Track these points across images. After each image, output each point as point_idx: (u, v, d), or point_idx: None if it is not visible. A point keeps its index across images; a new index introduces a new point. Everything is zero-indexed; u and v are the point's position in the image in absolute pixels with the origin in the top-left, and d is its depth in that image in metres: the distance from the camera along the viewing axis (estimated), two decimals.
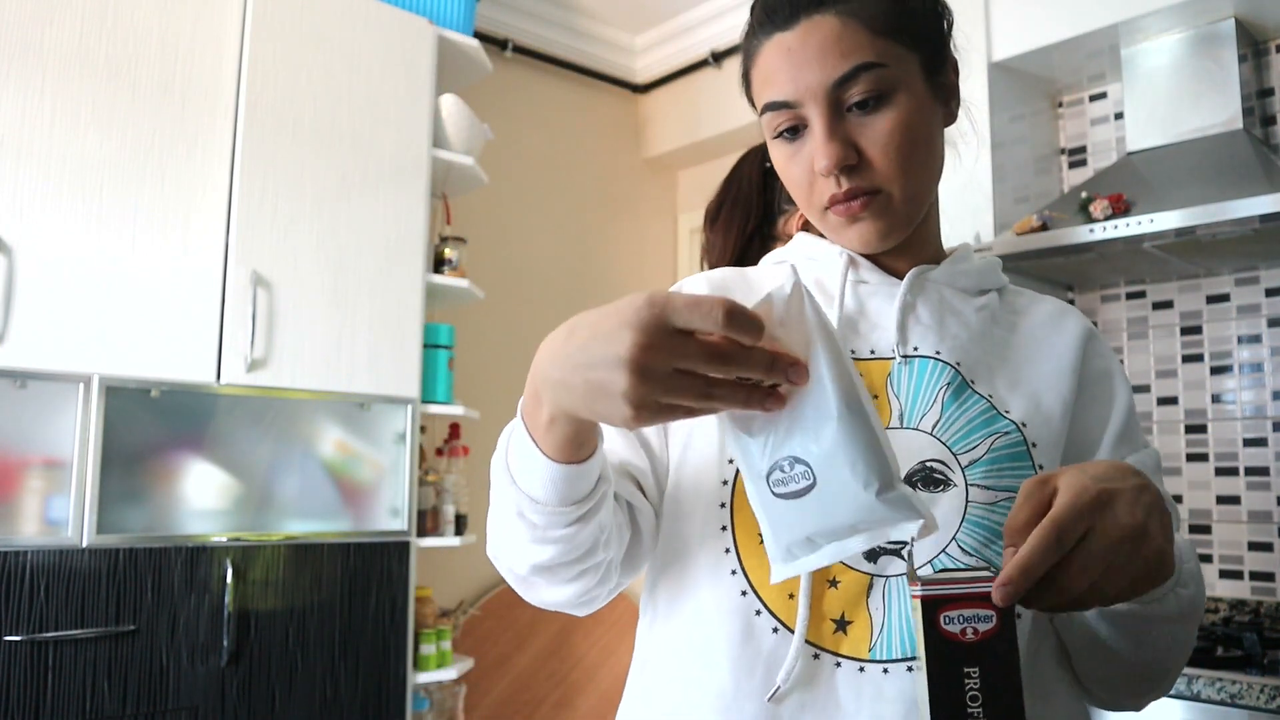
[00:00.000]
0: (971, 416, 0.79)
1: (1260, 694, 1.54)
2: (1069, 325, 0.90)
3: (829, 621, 0.73)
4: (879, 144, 0.78)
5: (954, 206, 2.36)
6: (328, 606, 2.14)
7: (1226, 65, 2.08)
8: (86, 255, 1.91)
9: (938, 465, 0.77)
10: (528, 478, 0.66)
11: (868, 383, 0.80)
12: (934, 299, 0.86)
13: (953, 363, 0.82)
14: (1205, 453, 2.26)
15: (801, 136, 0.80)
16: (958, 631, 0.58)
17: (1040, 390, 0.83)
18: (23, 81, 1.87)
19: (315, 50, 2.24)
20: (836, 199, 0.79)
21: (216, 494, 2.04)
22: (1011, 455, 0.77)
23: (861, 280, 0.87)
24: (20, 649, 1.77)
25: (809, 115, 0.78)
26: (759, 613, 0.74)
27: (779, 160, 0.83)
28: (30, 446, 1.85)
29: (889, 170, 0.78)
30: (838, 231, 0.83)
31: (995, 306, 0.90)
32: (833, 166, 0.77)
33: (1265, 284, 2.20)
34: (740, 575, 0.76)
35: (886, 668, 0.72)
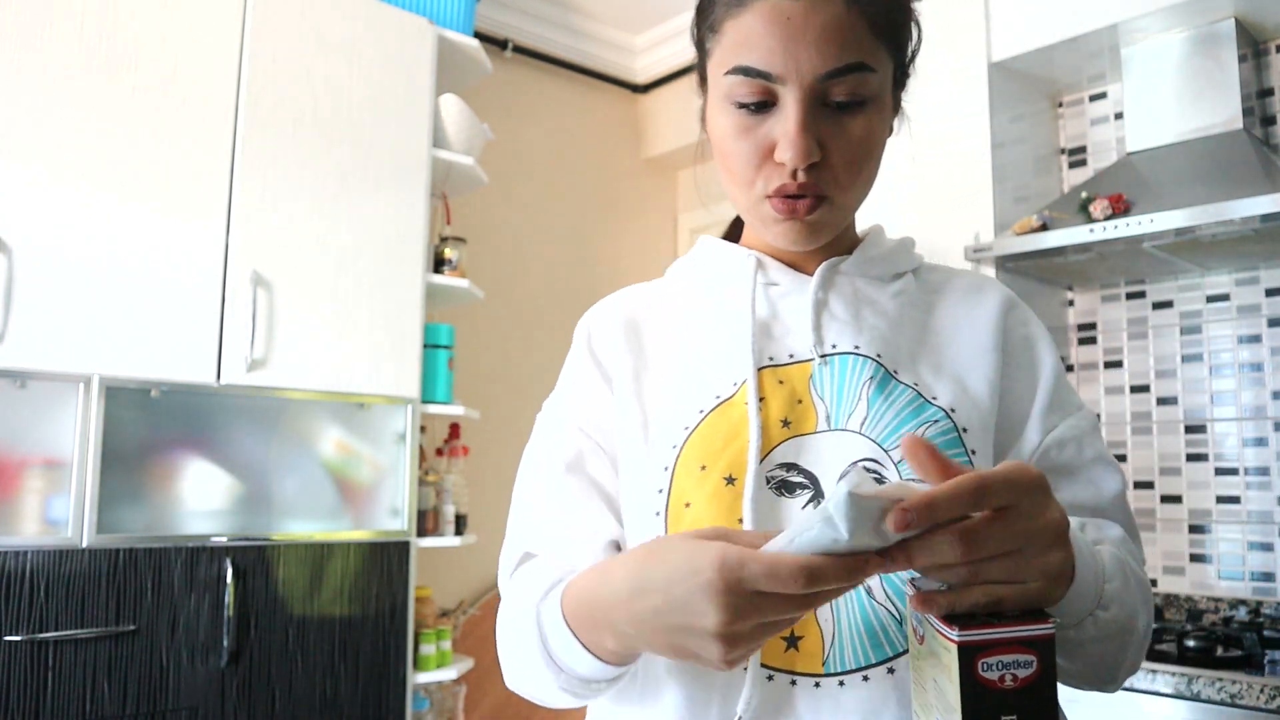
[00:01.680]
0: (899, 408, 0.76)
1: (1260, 694, 1.54)
2: (987, 298, 0.86)
3: (779, 640, 0.71)
4: (844, 150, 0.74)
5: (954, 206, 2.36)
6: (328, 606, 2.14)
7: (1226, 65, 2.08)
8: (86, 255, 1.91)
9: (871, 465, 0.74)
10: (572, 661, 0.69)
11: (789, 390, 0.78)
12: (847, 292, 0.83)
13: (873, 355, 0.79)
14: (1205, 453, 2.26)
15: (766, 113, 0.74)
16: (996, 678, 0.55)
17: (964, 372, 0.80)
18: (23, 81, 1.87)
19: (315, 50, 2.24)
20: (786, 190, 0.75)
21: (216, 494, 2.04)
22: (944, 444, 0.75)
23: (771, 283, 0.84)
24: (20, 649, 1.77)
25: (785, 96, 0.73)
26: None
27: (726, 129, 0.76)
28: (30, 446, 1.85)
29: (844, 177, 0.75)
30: (767, 223, 0.78)
31: (911, 289, 0.86)
32: (800, 162, 0.72)
33: (1265, 284, 2.20)
34: None
35: (842, 680, 0.70)
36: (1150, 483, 2.34)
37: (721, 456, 0.74)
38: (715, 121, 0.79)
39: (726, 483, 0.73)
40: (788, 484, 0.74)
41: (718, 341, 0.82)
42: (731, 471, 0.73)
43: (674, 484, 0.75)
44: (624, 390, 0.82)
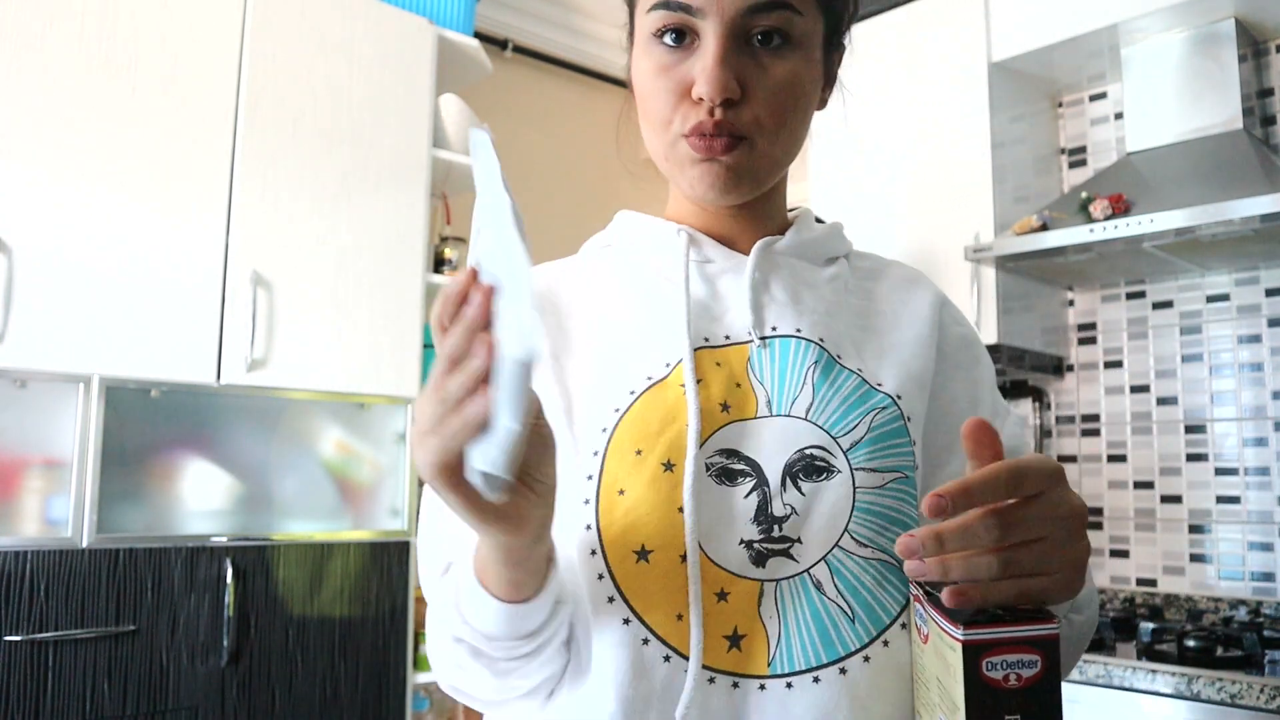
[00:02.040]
0: (846, 394, 0.73)
1: (1260, 694, 1.54)
2: (922, 293, 0.84)
3: (721, 639, 0.66)
4: (766, 88, 0.71)
5: (954, 206, 2.36)
6: (328, 606, 2.14)
7: (1226, 65, 2.08)
8: (86, 255, 1.91)
9: (818, 452, 0.70)
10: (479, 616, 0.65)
11: (727, 372, 0.74)
12: (785, 273, 0.79)
13: (815, 339, 0.75)
14: (1205, 453, 2.26)
15: (685, 49, 0.72)
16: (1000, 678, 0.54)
17: (907, 359, 0.78)
18: (23, 81, 1.87)
19: (315, 50, 2.24)
20: (703, 128, 0.71)
21: (216, 494, 2.04)
22: (892, 432, 0.72)
23: (706, 260, 0.80)
24: (20, 649, 1.77)
25: (705, 30, 0.70)
26: (646, 641, 0.66)
27: (646, 66, 0.74)
28: (30, 446, 1.85)
29: (766, 119, 0.72)
30: (683, 167, 0.75)
31: (846, 275, 0.83)
32: (717, 96, 0.69)
33: (1265, 284, 2.20)
34: (620, 602, 0.67)
35: (790, 682, 0.66)
36: (1150, 483, 2.34)
37: (658, 441, 0.69)
38: (638, 65, 0.76)
39: (665, 469, 0.69)
40: (729, 471, 0.70)
41: (648, 319, 0.77)
42: (670, 457, 0.69)
43: (605, 469, 0.69)
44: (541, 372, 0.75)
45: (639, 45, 0.76)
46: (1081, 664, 1.73)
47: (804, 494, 0.69)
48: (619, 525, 0.68)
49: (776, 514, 0.69)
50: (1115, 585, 2.36)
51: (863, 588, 0.68)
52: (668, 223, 0.82)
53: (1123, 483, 2.38)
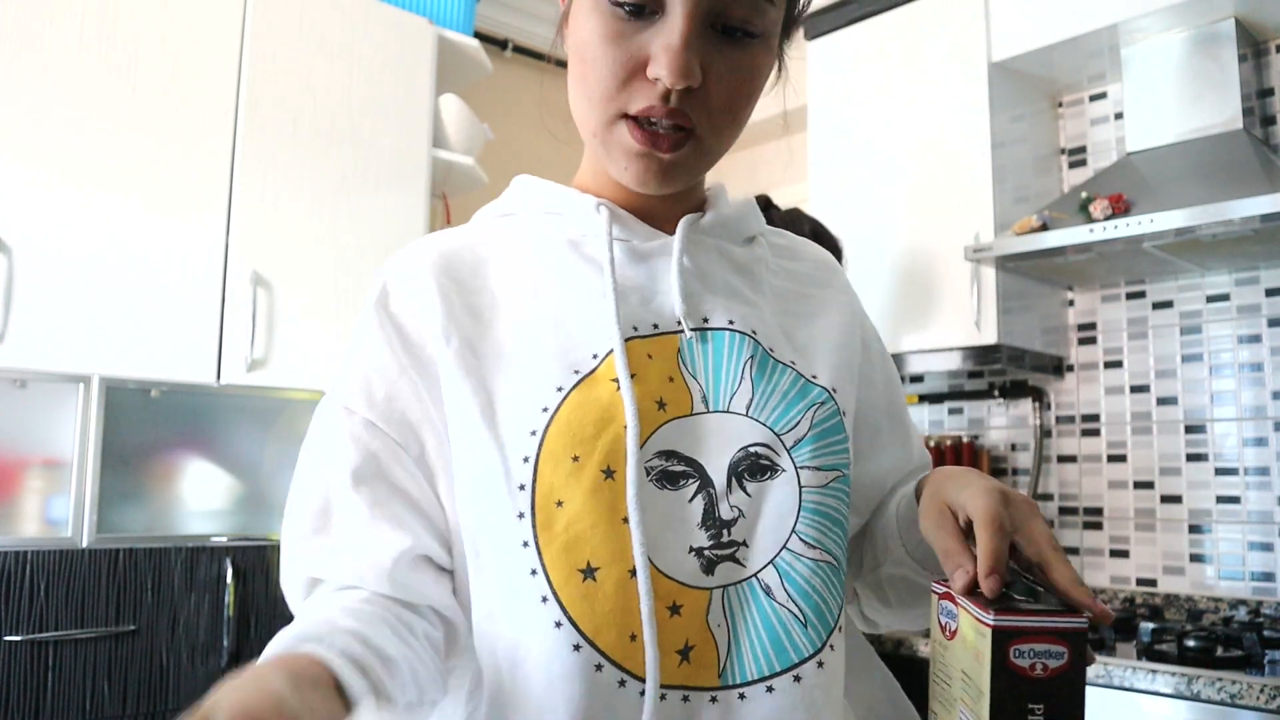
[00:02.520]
0: (784, 390, 0.69)
1: (1260, 694, 1.54)
2: (838, 277, 0.83)
3: (673, 653, 0.62)
4: (725, 82, 0.65)
5: (954, 206, 2.36)
6: None
7: (1226, 65, 2.08)
8: (86, 255, 1.91)
9: (762, 450, 0.67)
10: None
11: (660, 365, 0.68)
12: (712, 257, 0.74)
13: (748, 331, 0.71)
14: (1205, 453, 2.26)
15: (645, 22, 0.64)
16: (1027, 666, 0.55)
17: (836, 348, 0.76)
18: (23, 81, 1.87)
19: (315, 50, 2.24)
20: (652, 113, 0.65)
21: (216, 494, 2.04)
22: (832, 428, 0.70)
23: (628, 238, 0.73)
24: (20, 649, 1.77)
25: (672, 7, 0.63)
26: (600, 667, 0.61)
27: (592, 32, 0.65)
28: (30, 446, 1.85)
29: (718, 113, 0.66)
30: (616, 154, 0.68)
31: (767, 255, 0.79)
32: (677, 82, 0.62)
33: (1265, 284, 2.20)
34: (568, 626, 0.61)
35: (743, 693, 0.63)
36: (1150, 483, 2.34)
37: (595, 445, 0.63)
38: (581, 24, 0.67)
39: (605, 476, 0.63)
40: (669, 474, 0.65)
41: (569, 304, 0.70)
42: (609, 463, 0.63)
43: (539, 478, 0.63)
44: (449, 364, 0.67)
45: (589, 5, 0.66)
46: None
47: (750, 495, 0.66)
48: (560, 541, 0.62)
49: (724, 517, 0.65)
50: (1115, 585, 2.36)
51: (813, 590, 0.65)
52: (583, 195, 0.75)
53: (1123, 483, 2.38)
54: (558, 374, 0.67)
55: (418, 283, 0.71)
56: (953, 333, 2.33)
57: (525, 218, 0.77)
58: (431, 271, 0.71)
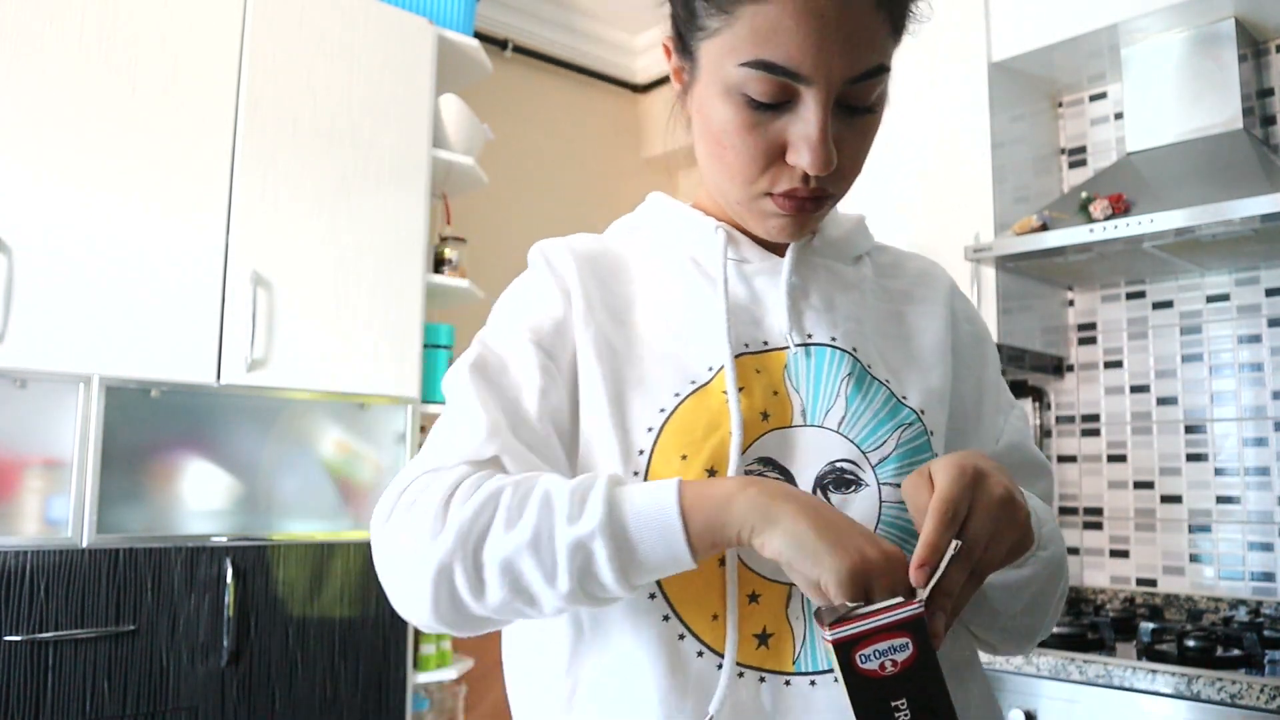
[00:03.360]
0: (876, 409, 0.75)
1: (1260, 694, 1.54)
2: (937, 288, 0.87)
3: (751, 638, 0.70)
4: (853, 152, 0.72)
5: (954, 206, 2.36)
6: (328, 606, 2.14)
7: (1226, 65, 2.08)
8: (86, 255, 1.91)
9: (848, 466, 0.73)
10: (643, 558, 0.63)
11: (767, 379, 0.75)
12: (820, 276, 0.81)
13: (849, 349, 0.77)
14: (1205, 453, 2.26)
15: (779, 111, 0.69)
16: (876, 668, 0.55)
17: (928, 368, 0.81)
18: (23, 81, 1.87)
19: (315, 50, 2.24)
20: (796, 194, 0.72)
21: (216, 494, 2.04)
22: (916, 449, 0.75)
23: (743, 259, 0.80)
24: (20, 649, 1.77)
25: (807, 98, 0.68)
26: (683, 637, 0.70)
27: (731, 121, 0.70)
28: (30, 446, 1.85)
29: (849, 176, 0.74)
30: (762, 219, 0.75)
31: (871, 275, 0.85)
32: (821, 171, 0.69)
33: (1265, 284, 2.20)
34: (660, 599, 0.71)
35: (814, 680, 0.69)
36: (1150, 483, 2.34)
37: (703, 447, 0.71)
38: (714, 108, 0.72)
39: (707, 474, 0.71)
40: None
41: (689, 318, 0.78)
42: (713, 464, 0.71)
43: (650, 469, 0.72)
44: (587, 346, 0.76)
45: (717, 88, 0.71)
46: (1081, 664, 1.74)
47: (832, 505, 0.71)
48: None
49: None
50: (1115, 585, 2.36)
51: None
52: (705, 217, 0.81)
53: (1123, 483, 2.38)
54: (676, 382, 0.75)
55: (569, 266, 0.79)
56: None
57: (652, 232, 0.85)
58: (576, 261, 0.80)
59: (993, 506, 0.62)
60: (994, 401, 0.86)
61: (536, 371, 0.75)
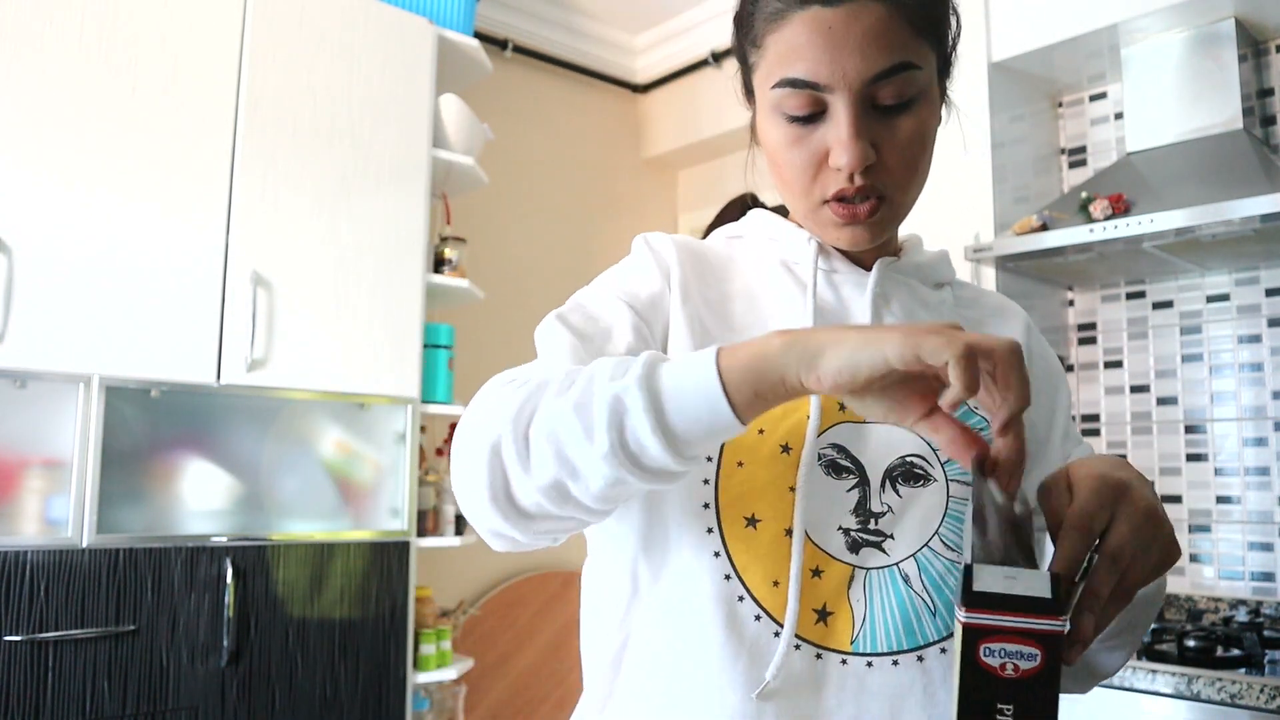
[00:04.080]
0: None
1: (1260, 694, 1.54)
2: (1014, 322, 0.92)
3: (810, 611, 0.73)
4: (898, 149, 0.76)
5: (954, 206, 2.36)
6: (328, 606, 2.14)
7: (1226, 65, 2.08)
8: (86, 255, 1.91)
9: (918, 460, 0.78)
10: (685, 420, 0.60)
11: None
12: (903, 292, 0.86)
13: None
14: (1205, 453, 2.26)
15: (817, 122, 0.75)
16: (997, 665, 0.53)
17: None
18: (23, 81, 1.87)
19: (315, 50, 2.24)
20: (845, 194, 0.76)
21: (216, 494, 2.04)
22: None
23: (833, 269, 0.85)
24: (20, 649, 1.77)
25: (834, 104, 0.74)
26: (741, 599, 0.73)
27: (778, 140, 0.78)
28: (30, 446, 1.85)
29: (901, 174, 0.77)
30: (827, 229, 0.80)
31: (950, 301, 0.90)
32: (856, 166, 0.74)
33: (1265, 284, 2.20)
34: (724, 558, 0.74)
35: (871, 661, 0.72)
36: (1150, 483, 2.34)
37: (780, 425, 0.75)
38: (767, 133, 0.80)
39: (782, 450, 0.75)
40: (836, 465, 0.76)
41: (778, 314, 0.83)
42: (788, 440, 0.75)
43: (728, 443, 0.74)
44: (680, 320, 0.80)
45: (765, 114, 0.79)
46: None
47: (900, 496, 0.76)
48: (735, 491, 0.74)
49: (874, 510, 0.76)
50: None
51: (946, 586, 0.75)
52: (799, 229, 0.86)
53: None
54: None
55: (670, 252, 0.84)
56: None
57: (752, 240, 0.90)
58: (677, 250, 0.85)
59: (1137, 518, 0.61)
60: (1063, 431, 0.89)
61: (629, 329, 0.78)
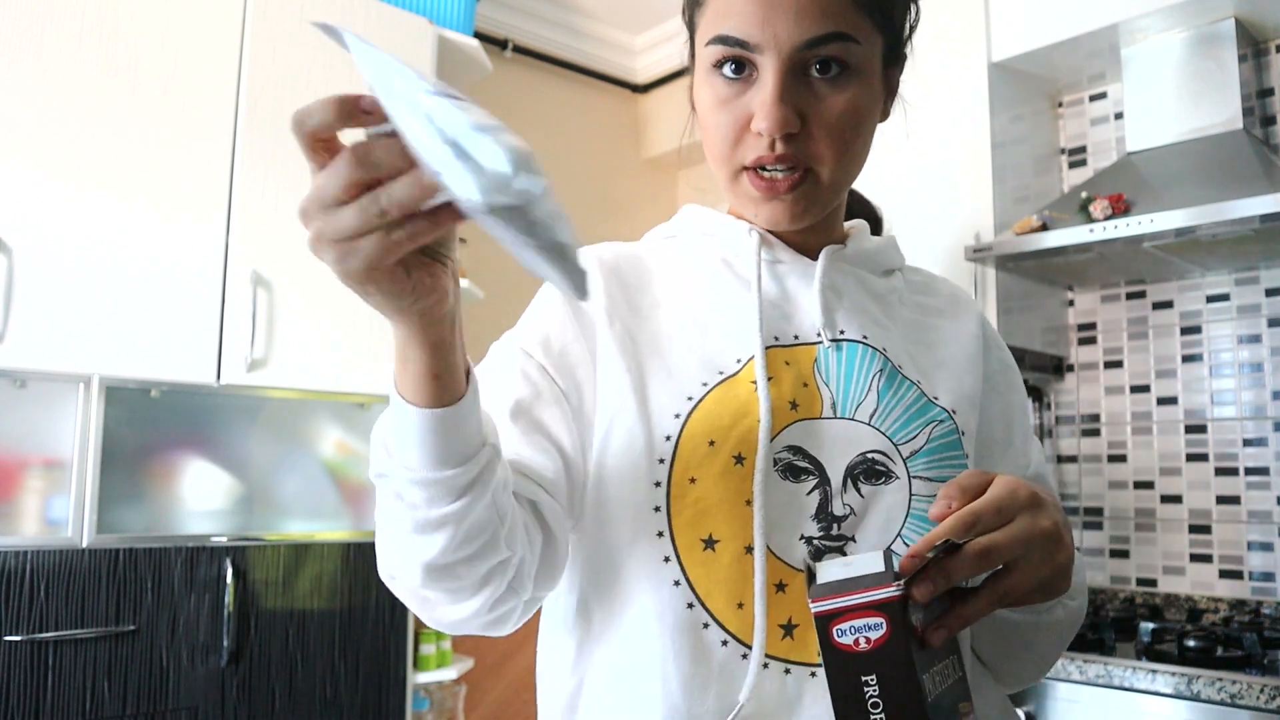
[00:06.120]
0: (908, 404, 0.76)
1: (1260, 694, 1.54)
2: (969, 312, 0.89)
3: (777, 628, 0.70)
4: (826, 120, 0.72)
5: (954, 206, 2.36)
6: (328, 606, 2.14)
7: (1226, 65, 2.08)
8: (86, 255, 1.91)
9: (879, 457, 0.74)
10: (402, 444, 0.59)
11: (796, 371, 0.76)
12: (851, 280, 0.82)
13: (879, 348, 0.78)
14: (1205, 453, 2.26)
15: (745, 81, 0.73)
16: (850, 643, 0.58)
17: (960, 375, 0.82)
18: (22, 81, 1.87)
19: (315, 50, 2.24)
20: (764, 162, 0.72)
21: (216, 494, 2.04)
22: (948, 444, 0.76)
23: (776, 260, 0.81)
24: (20, 649, 1.77)
25: (763, 65, 0.71)
26: (707, 625, 0.70)
27: (707, 98, 0.75)
28: (30, 446, 1.85)
29: (827, 150, 0.73)
30: (747, 202, 0.76)
31: (902, 288, 0.87)
32: (775, 130, 0.70)
33: (1265, 284, 2.20)
34: (685, 586, 0.70)
35: None
36: (1150, 483, 2.34)
37: (730, 434, 0.72)
38: (699, 95, 0.77)
39: (735, 461, 0.71)
40: (794, 468, 0.73)
41: (719, 314, 0.79)
42: (740, 450, 0.71)
43: (678, 456, 0.72)
44: (609, 343, 0.76)
45: (699, 75, 0.76)
46: (1081, 664, 1.74)
47: (863, 496, 0.73)
48: (689, 512, 0.71)
49: (836, 513, 0.72)
50: (1115, 585, 2.36)
51: None
52: (738, 221, 0.82)
53: (1123, 483, 2.38)
54: (703, 372, 0.75)
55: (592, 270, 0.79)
56: None
57: (686, 239, 0.86)
58: (600, 267, 0.80)
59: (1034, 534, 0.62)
60: (1023, 429, 0.87)
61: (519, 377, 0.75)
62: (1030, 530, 0.62)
